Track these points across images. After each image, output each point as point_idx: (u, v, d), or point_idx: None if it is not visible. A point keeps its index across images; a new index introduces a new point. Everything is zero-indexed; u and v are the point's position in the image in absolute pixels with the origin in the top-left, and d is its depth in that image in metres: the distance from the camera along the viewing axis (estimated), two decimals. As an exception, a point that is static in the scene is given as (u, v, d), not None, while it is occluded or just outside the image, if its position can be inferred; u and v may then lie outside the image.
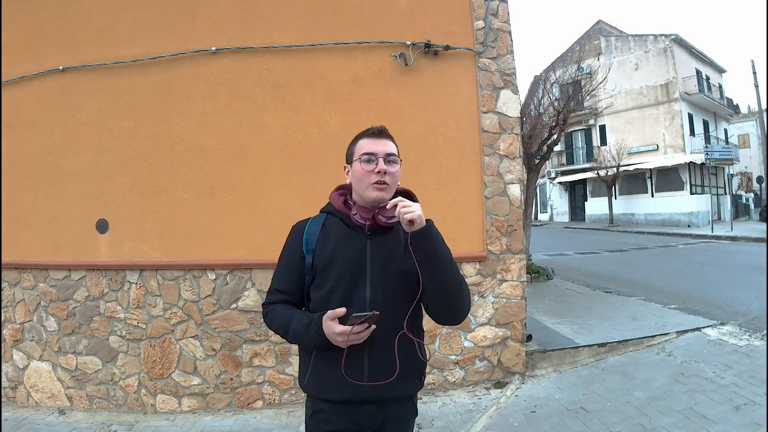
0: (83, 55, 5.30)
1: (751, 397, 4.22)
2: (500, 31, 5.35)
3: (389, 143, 1.95)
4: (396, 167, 1.93)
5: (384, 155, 1.90)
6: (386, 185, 1.89)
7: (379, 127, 1.98)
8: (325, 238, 1.97)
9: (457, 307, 1.88)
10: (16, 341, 5.37)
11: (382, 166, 1.87)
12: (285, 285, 2.03)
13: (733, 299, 7.85)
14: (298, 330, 1.86)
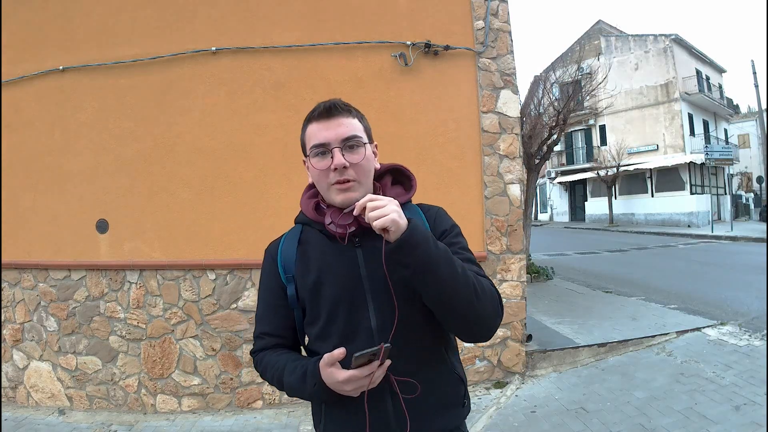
0: (83, 55, 5.30)
1: (751, 397, 4.22)
2: (500, 31, 5.34)
3: (345, 121, 1.47)
4: (360, 153, 1.46)
5: (339, 142, 1.44)
6: (351, 182, 1.45)
7: (327, 102, 1.48)
8: (305, 258, 1.55)
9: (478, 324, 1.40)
10: (16, 341, 5.37)
11: (339, 160, 1.42)
12: (270, 327, 1.60)
13: (733, 299, 7.85)
14: (294, 386, 1.46)
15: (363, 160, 1.46)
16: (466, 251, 1.49)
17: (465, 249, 1.50)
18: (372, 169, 1.53)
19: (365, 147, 1.48)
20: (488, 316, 1.39)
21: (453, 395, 1.52)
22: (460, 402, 1.54)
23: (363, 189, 1.47)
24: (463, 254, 1.46)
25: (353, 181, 1.45)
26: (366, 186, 1.49)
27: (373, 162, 1.55)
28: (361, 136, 1.47)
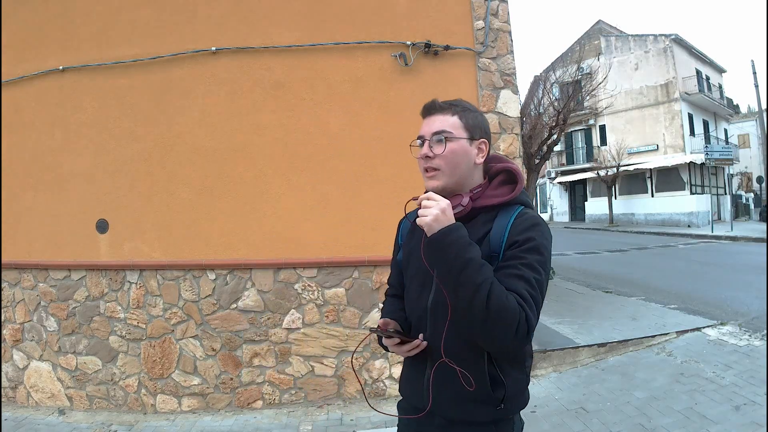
0: (83, 55, 5.30)
1: (751, 397, 4.22)
2: (500, 31, 5.34)
3: (437, 118, 1.64)
4: (444, 147, 1.59)
5: (430, 135, 1.61)
6: (436, 171, 1.61)
7: (429, 102, 1.68)
8: (410, 234, 1.79)
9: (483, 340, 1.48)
10: (16, 341, 5.37)
11: (424, 150, 1.60)
12: (391, 279, 1.96)
13: (733, 299, 7.86)
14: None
15: (447, 152, 1.59)
16: (526, 267, 1.47)
17: (527, 265, 1.48)
18: (461, 162, 1.62)
19: (455, 141, 1.60)
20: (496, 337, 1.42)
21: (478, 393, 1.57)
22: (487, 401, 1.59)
23: (447, 178, 1.61)
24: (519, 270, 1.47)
25: (437, 170, 1.60)
26: (453, 176, 1.61)
27: (468, 156, 1.63)
28: (451, 131, 1.60)
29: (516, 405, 1.66)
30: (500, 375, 1.60)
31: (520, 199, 1.66)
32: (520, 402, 1.67)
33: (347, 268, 5.05)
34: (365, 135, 5.13)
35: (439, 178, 1.61)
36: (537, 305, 1.45)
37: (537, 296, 1.46)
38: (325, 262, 5.02)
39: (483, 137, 1.67)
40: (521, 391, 1.67)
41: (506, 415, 1.64)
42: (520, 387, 1.66)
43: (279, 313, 5.02)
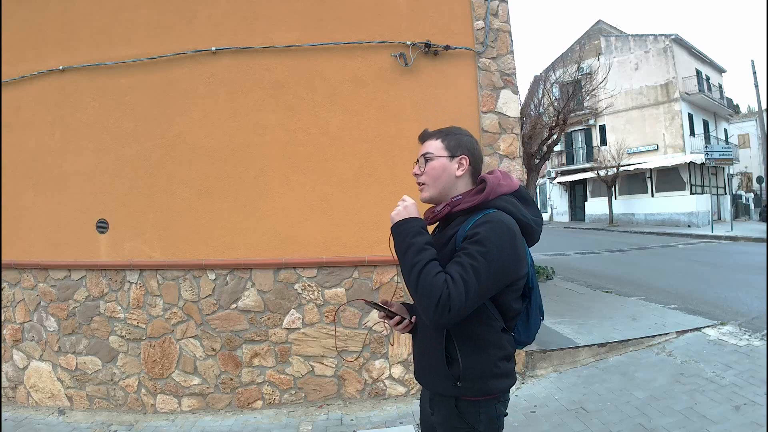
0: (83, 55, 5.30)
1: (751, 397, 4.21)
2: (500, 31, 5.34)
3: (426, 144, 2.01)
4: (428, 164, 1.96)
5: (419, 158, 2.00)
6: (423, 185, 1.98)
7: (422, 132, 2.07)
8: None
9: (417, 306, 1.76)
10: (16, 341, 5.37)
11: (414, 169, 2.01)
12: None
13: (733, 299, 7.85)
14: None
15: (428, 169, 1.96)
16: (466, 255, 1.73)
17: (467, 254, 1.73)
18: (442, 176, 1.96)
19: (436, 160, 1.96)
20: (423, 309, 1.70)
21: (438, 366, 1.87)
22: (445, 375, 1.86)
23: (432, 189, 1.98)
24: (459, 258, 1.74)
25: (423, 184, 1.98)
26: (436, 188, 1.97)
27: (447, 171, 1.96)
28: (432, 152, 1.97)
29: (475, 389, 1.85)
30: (457, 354, 1.84)
31: (494, 203, 1.87)
32: (480, 387, 1.85)
33: (347, 268, 5.05)
34: (365, 135, 5.13)
35: (426, 190, 1.98)
36: (466, 286, 1.67)
37: (468, 279, 1.68)
38: (325, 262, 5.02)
39: (464, 154, 1.96)
40: (482, 377, 1.85)
41: (465, 395, 1.86)
42: (480, 371, 1.84)
43: (279, 313, 5.02)
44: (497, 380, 1.87)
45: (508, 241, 1.76)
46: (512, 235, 1.78)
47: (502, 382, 1.89)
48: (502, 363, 1.88)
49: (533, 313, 1.98)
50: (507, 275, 1.78)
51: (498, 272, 1.73)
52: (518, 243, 1.80)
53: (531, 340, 2.01)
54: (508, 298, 1.86)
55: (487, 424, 1.89)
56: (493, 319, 1.85)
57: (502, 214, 1.83)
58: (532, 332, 2.00)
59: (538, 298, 2.01)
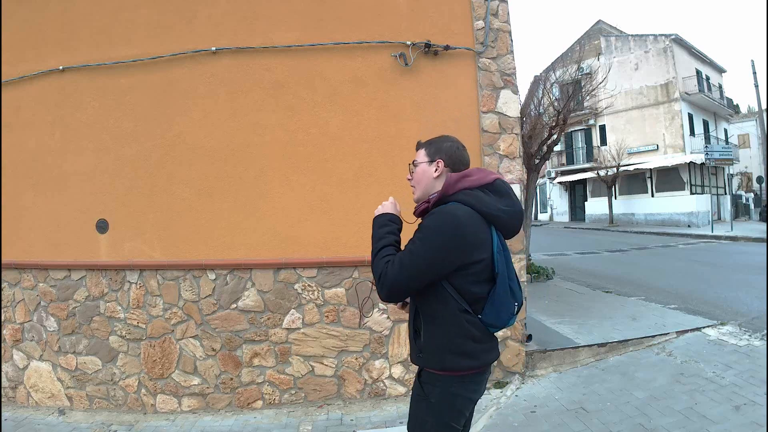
0: (83, 55, 5.30)
1: (751, 397, 4.21)
2: (500, 31, 5.34)
3: (417, 152, 2.36)
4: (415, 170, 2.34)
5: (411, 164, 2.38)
6: (413, 186, 2.35)
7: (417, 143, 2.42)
8: None
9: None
10: (16, 341, 5.37)
11: (408, 175, 2.40)
12: None
13: (733, 299, 7.85)
14: None
15: (415, 174, 2.34)
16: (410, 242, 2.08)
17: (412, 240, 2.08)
18: (423, 179, 2.30)
19: (419, 165, 2.32)
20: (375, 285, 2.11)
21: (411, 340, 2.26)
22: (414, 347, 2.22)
23: (418, 191, 2.32)
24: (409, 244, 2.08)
25: (413, 186, 2.35)
26: (420, 189, 2.31)
27: (427, 174, 2.29)
28: (418, 159, 2.34)
29: (434, 361, 2.12)
30: (421, 329, 2.15)
31: (455, 197, 2.13)
32: (438, 360, 2.11)
33: (347, 268, 5.04)
34: (365, 135, 5.14)
35: (415, 192, 2.35)
36: (401, 266, 2.01)
37: (404, 260, 2.02)
38: (325, 262, 5.02)
39: (440, 158, 2.26)
40: (438, 351, 2.10)
41: (427, 366, 2.15)
42: (436, 345, 2.10)
43: (279, 313, 5.02)
44: (454, 356, 2.07)
45: (450, 229, 2.01)
46: (457, 223, 2.01)
47: (461, 360, 2.08)
48: (459, 340, 2.07)
49: (499, 298, 2.09)
50: (448, 259, 2.01)
51: (436, 256, 2.00)
52: (466, 231, 2.02)
53: (501, 324, 2.13)
54: (464, 281, 2.06)
55: (439, 397, 2.11)
56: (450, 300, 2.06)
57: (457, 206, 2.07)
58: (501, 317, 2.11)
59: (505, 284, 2.12)
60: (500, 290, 2.10)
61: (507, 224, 2.17)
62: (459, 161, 2.27)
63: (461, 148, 2.32)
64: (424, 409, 2.16)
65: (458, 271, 2.04)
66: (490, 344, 2.17)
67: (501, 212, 2.12)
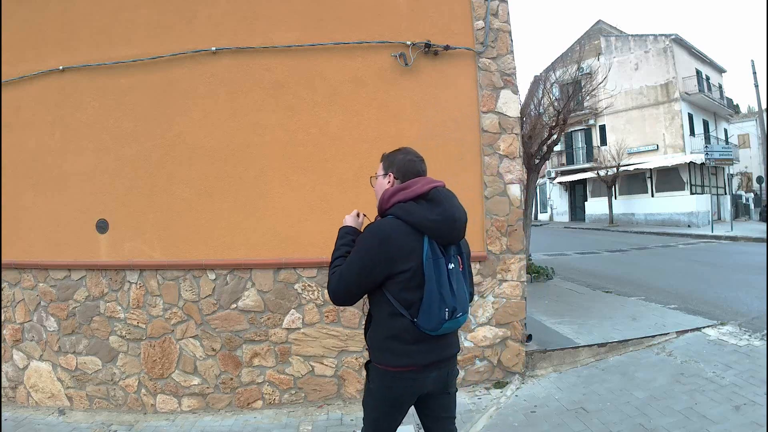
0: (83, 55, 5.30)
1: (751, 397, 4.21)
2: (500, 31, 5.34)
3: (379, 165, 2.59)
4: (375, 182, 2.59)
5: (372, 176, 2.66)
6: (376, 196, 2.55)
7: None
8: None
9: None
10: (16, 341, 5.37)
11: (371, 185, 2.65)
12: None
13: (733, 299, 7.85)
14: None
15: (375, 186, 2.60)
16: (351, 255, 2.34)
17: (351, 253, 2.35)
18: (380, 190, 2.51)
19: (376, 178, 2.59)
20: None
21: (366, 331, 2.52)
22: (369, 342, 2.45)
23: (378, 201, 2.47)
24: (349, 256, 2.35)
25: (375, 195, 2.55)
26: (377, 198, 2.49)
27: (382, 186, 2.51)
28: (377, 173, 2.59)
29: (373, 356, 2.41)
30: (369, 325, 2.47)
31: (389, 211, 2.36)
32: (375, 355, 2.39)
33: (347, 268, 5.03)
34: (365, 135, 5.13)
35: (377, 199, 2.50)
36: (340, 275, 2.30)
37: (344, 269, 2.30)
38: (325, 262, 4.95)
39: (391, 171, 2.49)
40: (373, 348, 2.40)
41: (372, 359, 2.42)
42: (371, 343, 2.42)
43: (279, 313, 5.02)
44: (383, 353, 2.33)
45: (376, 244, 2.25)
46: (380, 238, 2.26)
47: (390, 358, 2.31)
48: (388, 341, 2.31)
49: (427, 303, 2.22)
50: (375, 269, 2.24)
51: (366, 267, 2.25)
52: (390, 244, 2.24)
53: (434, 327, 2.23)
54: (395, 288, 2.26)
55: (377, 386, 2.40)
56: (384, 304, 2.31)
57: (387, 221, 2.33)
58: (431, 321, 2.22)
59: (433, 290, 2.22)
60: (427, 296, 2.22)
61: (439, 232, 2.27)
62: (410, 173, 2.44)
63: (415, 159, 2.48)
64: (367, 393, 2.49)
65: (388, 279, 2.26)
66: (428, 346, 2.30)
67: (431, 222, 2.25)
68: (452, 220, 2.29)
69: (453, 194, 2.39)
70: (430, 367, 2.35)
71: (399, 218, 2.28)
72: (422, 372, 2.34)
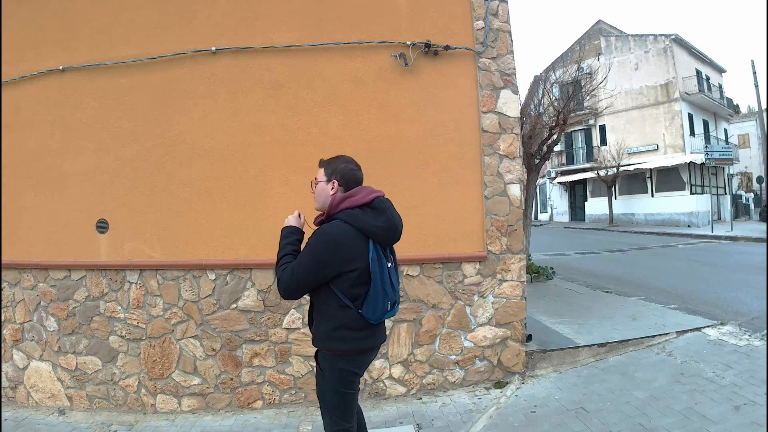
0: (83, 55, 5.30)
1: (751, 397, 4.20)
2: (500, 31, 5.34)
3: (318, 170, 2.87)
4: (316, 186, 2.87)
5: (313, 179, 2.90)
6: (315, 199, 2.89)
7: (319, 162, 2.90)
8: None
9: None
10: (16, 341, 5.36)
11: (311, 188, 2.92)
12: None
13: (733, 299, 7.84)
14: None
15: (315, 189, 2.87)
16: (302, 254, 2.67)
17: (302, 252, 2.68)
18: (322, 194, 2.83)
19: (319, 183, 2.83)
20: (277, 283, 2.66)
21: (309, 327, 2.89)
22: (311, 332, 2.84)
23: (318, 203, 2.88)
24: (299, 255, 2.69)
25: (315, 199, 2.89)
26: (319, 202, 2.87)
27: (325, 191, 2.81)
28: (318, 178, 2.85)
29: (322, 344, 2.76)
30: (314, 317, 2.81)
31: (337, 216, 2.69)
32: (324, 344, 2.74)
33: (347, 268, 5.03)
34: (365, 135, 5.13)
35: (315, 203, 2.88)
36: (292, 273, 2.58)
37: (295, 267, 2.59)
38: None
39: (335, 178, 2.77)
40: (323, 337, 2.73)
41: (320, 348, 2.78)
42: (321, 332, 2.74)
43: (279, 313, 5.02)
44: (333, 341, 2.69)
45: (326, 246, 2.58)
46: (333, 241, 2.59)
47: (339, 344, 2.68)
48: (337, 330, 2.66)
49: (373, 297, 2.62)
50: (327, 268, 2.57)
51: (316, 265, 2.57)
52: (340, 247, 2.59)
53: (378, 317, 2.67)
54: (343, 285, 2.61)
55: (330, 371, 2.74)
56: (332, 297, 2.64)
57: (336, 224, 2.64)
58: (378, 313, 2.65)
59: (378, 286, 2.63)
60: (373, 291, 2.63)
61: (383, 237, 2.69)
62: (351, 180, 2.78)
63: (355, 168, 2.82)
64: (321, 380, 2.80)
65: (337, 277, 2.60)
66: (370, 332, 2.73)
67: (376, 228, 2.65)
68: (394, 228, 2.72)
69: (392, 203, 2.78)
70: (371, 350, 2.82)
71: (347, 223, 2.63)
72: (365, 354, 2.79)
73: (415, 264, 5.10)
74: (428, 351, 5.12)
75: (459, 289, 5.16)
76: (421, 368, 5.12)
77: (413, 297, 5.10)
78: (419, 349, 5.11)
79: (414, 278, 5.11)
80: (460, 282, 5.17)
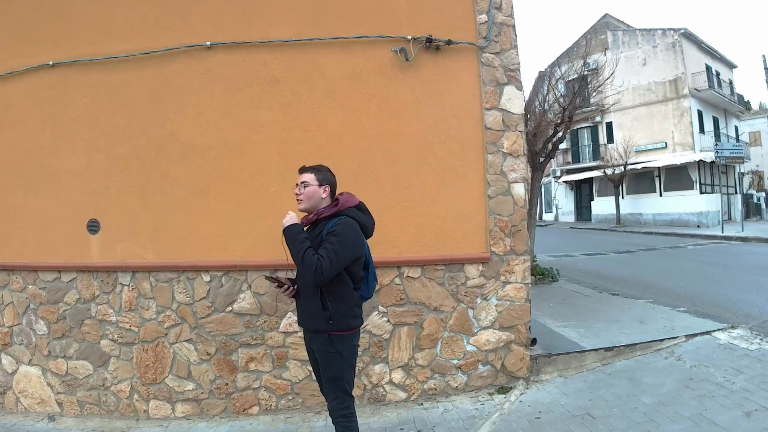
0: (74, 50, 5.21)
1: (762, 403, 4.11)
2: (504, 25, 5.21)
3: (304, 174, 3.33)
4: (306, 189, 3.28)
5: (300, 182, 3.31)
6: (300, 200, 3.29)
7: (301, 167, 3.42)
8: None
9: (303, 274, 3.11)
10: (4, 345, 5.30)
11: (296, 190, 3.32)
12: None
13: (744, 302, 7.72)
14: None
15: (305, 191, 3.27)
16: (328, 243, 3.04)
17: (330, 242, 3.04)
18: (313, 197, 3.27)
19: (310, 187, 3.27)
20: (307, 275, 3.01)
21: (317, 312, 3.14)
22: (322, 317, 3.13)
23: (305, 204, 3.28)
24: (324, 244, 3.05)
25: (301, 200, 3.29)
26: (309, 204, 3.28)
27: (317, 194, 3.27)
28: (308, 181, 3.27)
29: (341, 324, 3.15)
30: (328, 303, 3.12)
31: (344, 212, 3.21)
32: (343, 324, 3.16)
33: (345, 270, 4.93)
34: (364, 132, 5.05)
35: (302, 204, 3.28)
36: (330, 258, 2.96)
37: (330, 255, 2.97)
38: (324, 263, 4.90)
39: (327, 185, 3.30)
40: (343, 316, 3.16)
41: (334, 330, 3.13)
42: (342, 313, 3.15)
43: (276, 316, 4.93)
44: (353, 319, 3.24)
45: (353, 234, 3.13)
46: (356, 230, 3.16)
47: (356, 321, 3.27)
48: (352, 309, 3.23)
49: (372, 279, 3.42)
50: (353, 254, 3.12)
51: (347, 251, 3.07)
52: (359, 235, 3.19)
53: (370, 295, 3.42)
54: (356, 269, 3.21)
55: (348, 350, 3.21)
56: (347, 281, 3.18)
57: (350, 219, 3.18)
58: (371, 291, 3.42)
59: (373, 270, 3.43)
60: (371, 273, 3.40)
61: (369, 231, 3.38)
62: (335, 188, 3.39)
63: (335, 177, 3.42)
64: (339, 361, 3.19)
65: (355, 261, 3.17)
66: (362, 308, 3.40)
67: (368, 224, 3.34)
68: (373, 224, 3.41)
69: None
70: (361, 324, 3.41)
71: (354, 218, 3.20)
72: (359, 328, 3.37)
73: (417, 266, 4.99)
74: (430, 355, 5.01)
75: (461, 291, 5.04)
76: (423, 373, 5.00)
77: (414, 300, 4.99)
78: (420, 354, 5.00)
79: (415, 280, 4.99)
80: (463, 284, 5.04)
